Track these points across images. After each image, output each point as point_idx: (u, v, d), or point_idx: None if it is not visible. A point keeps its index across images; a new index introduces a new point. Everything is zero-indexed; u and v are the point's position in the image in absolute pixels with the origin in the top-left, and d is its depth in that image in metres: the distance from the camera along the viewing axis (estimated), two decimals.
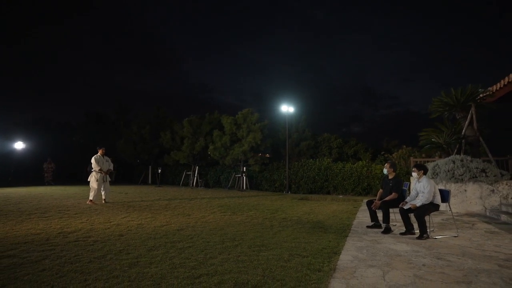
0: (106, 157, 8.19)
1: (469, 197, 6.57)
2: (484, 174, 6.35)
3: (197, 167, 16.57)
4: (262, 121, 15.37)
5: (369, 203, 5.06)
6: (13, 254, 3.22)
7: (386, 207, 4.63)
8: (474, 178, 6.46)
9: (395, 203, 4.70)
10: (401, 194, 4.79)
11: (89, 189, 7.84)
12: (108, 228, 4.72)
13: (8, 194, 9.64)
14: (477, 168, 6.36)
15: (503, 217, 5.58)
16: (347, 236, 4.45)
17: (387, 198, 4.72)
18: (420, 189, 4.44)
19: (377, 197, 5.10)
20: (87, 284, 2.47)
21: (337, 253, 3.54)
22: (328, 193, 13.30)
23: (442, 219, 5.82)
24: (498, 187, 6.36)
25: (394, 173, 4.89)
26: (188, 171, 16.99)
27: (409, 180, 7.68)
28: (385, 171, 4.97)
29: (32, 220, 5.17)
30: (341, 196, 11.95)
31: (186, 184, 17.13)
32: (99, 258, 3.17)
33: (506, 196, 6.27)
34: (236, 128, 15.34)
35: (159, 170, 16.45)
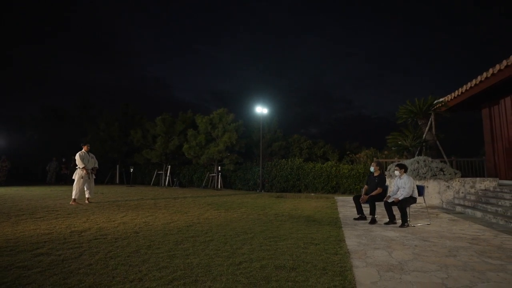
0: (91, 154, 7.83)
1: (430, 192, 7.72)
2: (442, 173, 7.54)
3: (169, 166, 16.34)
4: (237, 121, 15.71)
5: (356, 198, 5.78)
6: (45, 252, 3.23)
7: (372, 201, 5.36)
8: (434, 176, 7.63)
9: (380, 197, 5.46)
10: (384, 189, 5.57)
11: (57, 189, 7.46)
12: (116, 226, 4.76)
13: None
14: (437, 167, 7.53)
15: (458, 208, 6.73)
16: (341, 227, 5.07)
17: (373, 193, 5.47)
18: (401, 185, 5.25)
19: (363, 193, 5.84)
20: (144, 274, 2.68)
21: (342, 240, 4.12)
22: (300, 191, 14.09)
23: (411, 211, 6.80)
24: (452, 184, 7.60)
25: (379, 171, 5.67)
26: (159, 171, 16.67)
27: None
28: (371, 169, 5.73)
29: (28, 221, 4.96)
30: (313, 194, 12.79)
31: (156, 183, 16.79)
32: (134, 253, 3.33)
33: (458, 191, 7.53)
34: (211, 128, 15.48)
35: (131, 169, 15.89)
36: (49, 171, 16.72)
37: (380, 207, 6.35)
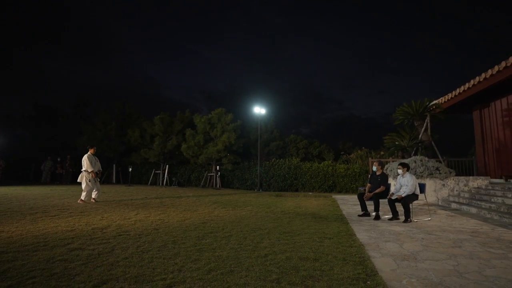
0: (96, 157, 7.90)
1: (426, 190, 8.08)
2: (438, 172, 7.94)
3: (167, 165, 16.39)
4: (235, 122, 15.88)
5: (360, 196, 6.07)
6: (78, 247, 3.37)
7: (376, 198, 5.66)
8: (430, 175, 8.02)
9: (383, 195, 5.77)
10: (387, 187, 5.89)
11: (56, 189, 7.47)
12: (134, 224, 4.90)
13: None
14: (433, 166, 7.93)
15: (453, 205, 7.12)
16: (348, 223, 5.34)
17: (377, 191, 5.77)
18: (404, 182, 5.57)
19: (366, 190, 6.14)
20: (181, 266, 2.86)
21: (353, 234, 4.38)
22: (297, 190, 14.36)
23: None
24: (447, 182, 8.01)
25: (381, 170, 5.98)
26: (157, 170, 16.70)
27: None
28: (374, 168, 6.03)
29: (44, 219, 5.04)
30: (311, 193, 13.06)
31: (154, 183, 16.81)
32: (162, 247, 3.50)
33: (453, 189, 7.94)
34: (210, 128, 15.62)
35: (130, 169, 15.87)
36: (44, 171, 16.52)
37: (382, 204, 6.66)
